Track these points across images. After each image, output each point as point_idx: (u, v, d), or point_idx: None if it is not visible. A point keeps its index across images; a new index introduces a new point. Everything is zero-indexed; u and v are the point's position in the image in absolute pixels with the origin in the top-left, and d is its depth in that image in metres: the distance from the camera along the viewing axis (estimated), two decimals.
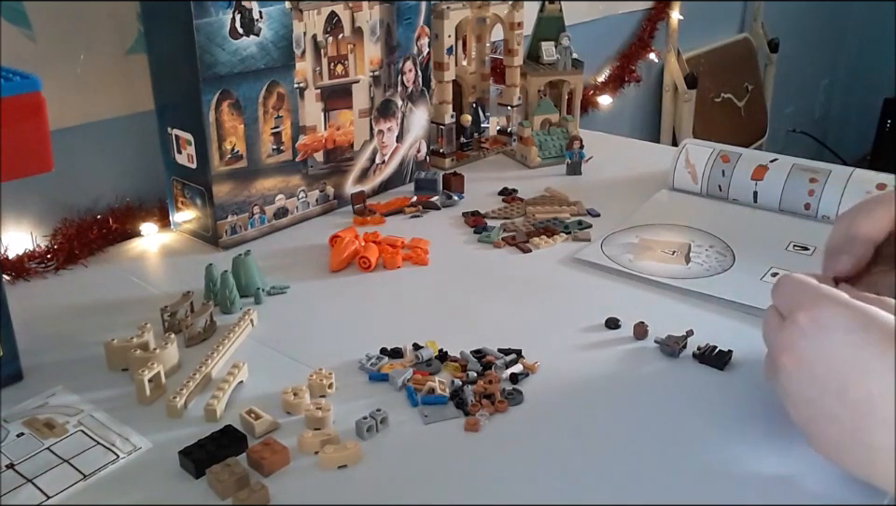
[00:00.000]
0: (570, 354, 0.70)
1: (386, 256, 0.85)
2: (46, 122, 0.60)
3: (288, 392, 0.63)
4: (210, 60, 0.82)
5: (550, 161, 1.12)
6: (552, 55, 1.17)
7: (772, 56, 2.38)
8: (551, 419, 0.61)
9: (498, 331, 0.72)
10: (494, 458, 0.57)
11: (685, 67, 1.94)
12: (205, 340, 0.72)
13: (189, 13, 0.79)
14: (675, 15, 1.88)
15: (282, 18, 0.87)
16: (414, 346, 0.69)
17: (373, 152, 1.01)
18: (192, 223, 0.91)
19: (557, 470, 0.56)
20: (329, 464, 0.56)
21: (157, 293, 0.80)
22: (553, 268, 0.85)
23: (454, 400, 0.63)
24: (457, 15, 1.07)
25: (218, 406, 0.61)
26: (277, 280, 0.81)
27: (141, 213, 0.94)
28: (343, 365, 0.67)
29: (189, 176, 0.88)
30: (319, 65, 0.92)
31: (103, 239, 0.89)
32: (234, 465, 0.55)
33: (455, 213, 0.98)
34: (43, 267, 0.85)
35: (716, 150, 1.01)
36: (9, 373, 0.66)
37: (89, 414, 0.62)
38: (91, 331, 0.72)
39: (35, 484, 0.55)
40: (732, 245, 0.88)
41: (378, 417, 0.60)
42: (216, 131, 0.84)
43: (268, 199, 0.92)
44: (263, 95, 0.87)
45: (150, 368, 0.64)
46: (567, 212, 0.96)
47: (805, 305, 0.52)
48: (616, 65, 1.76)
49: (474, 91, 1.17)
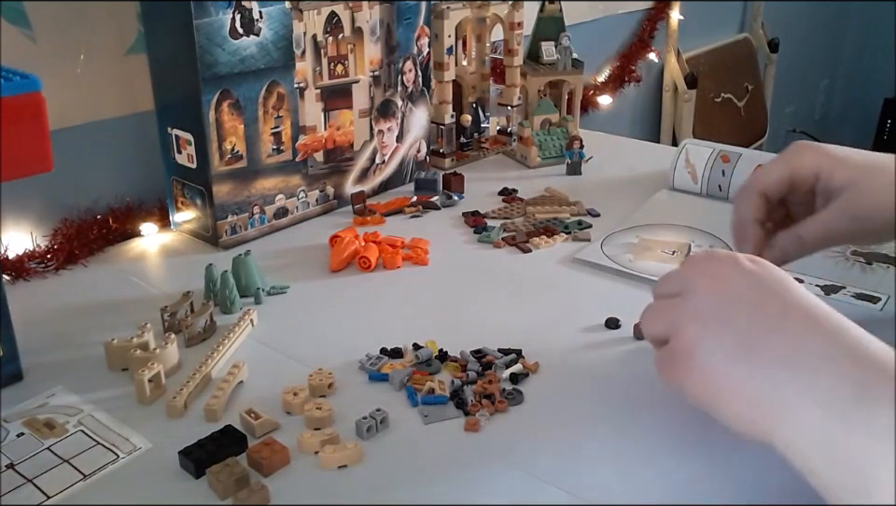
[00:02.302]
0: (570, 354, 0.70)
1: (386, 256, 0.85)
2: (46, 122, 0.60)
3: (288, 392, 0.63)
4: (210, 60, 0.82)
5: (550, 161, 1.12)
6: (552, 55, 1.17)
7: (772, 56, 2.38)
8: (551, 419, 0.61)
9: (498, 331, 0.72)
10: (494, 458, 0.57)
11: (685, 67, 1.94)
12: (205, 340, 0.72)
13: (189, 13, 0.79)
14: (675, 15, 1.88)
15: (282, 18, 0.87)
16: (414, 346, 0.69)
17: (373, 152, 1.01)
18: (192, 223, 0.91)
19: (557, 471, 0.56)
20: (328, 464, 0.56)
21: (157, 293, 0.80)
22: (553, 268, 0.85)
23: (454, 400, 0.63)
24: (457, 15, 1.07)
25: (218, 406, 0.61)
26: (277, 280, 0.81)
27: (141, 213, 0.94)
28: (343, 365, 0.67)
29: (188, 176, 0.88)
30: (319, 65, 0.92)
31: (103, 239, 0.89)
32: (234, 465, 0.55)
33: (455, 213, 0.98)
34: (43, 267, 0.85)
35: (716, 150, 1.01)
36: (9, 373, 0.66)
37: (89, 414, 0.62)
38: (91, 331, 0.72)
39: (35, 484, 0.55)
40: (732, 245, 0.87)
41: (378, 417, 0.60)
42: (216, 131, 0.84)
43: (268, 199, 0.92)
44: (263, 95, 0.88)
45: (150, 368, 0.64)
46: (567, 212, 0.96)
47: (701, 273, 0.54)
48: (616, 65, 1.77)
49: (474, 91, 1.17)
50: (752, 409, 0.48)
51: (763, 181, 0.66)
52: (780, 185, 0.66)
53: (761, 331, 0.49)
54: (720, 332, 0.50)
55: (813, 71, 2.92)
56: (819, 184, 0.64)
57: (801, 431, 0.45)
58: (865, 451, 0.42)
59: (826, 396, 0.44)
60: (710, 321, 0.51)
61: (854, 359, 0.45)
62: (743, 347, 0.49)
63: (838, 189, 0.63)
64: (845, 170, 0.63)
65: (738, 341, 0.49)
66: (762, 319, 0.49)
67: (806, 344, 0.47)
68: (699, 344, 0.51)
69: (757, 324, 0.49)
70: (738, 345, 0.49)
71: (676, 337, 0.53)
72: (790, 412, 0.45)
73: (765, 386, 0.47)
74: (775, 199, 0.67)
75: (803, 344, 0.47)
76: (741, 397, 0.48)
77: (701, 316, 0.51)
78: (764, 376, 0.47)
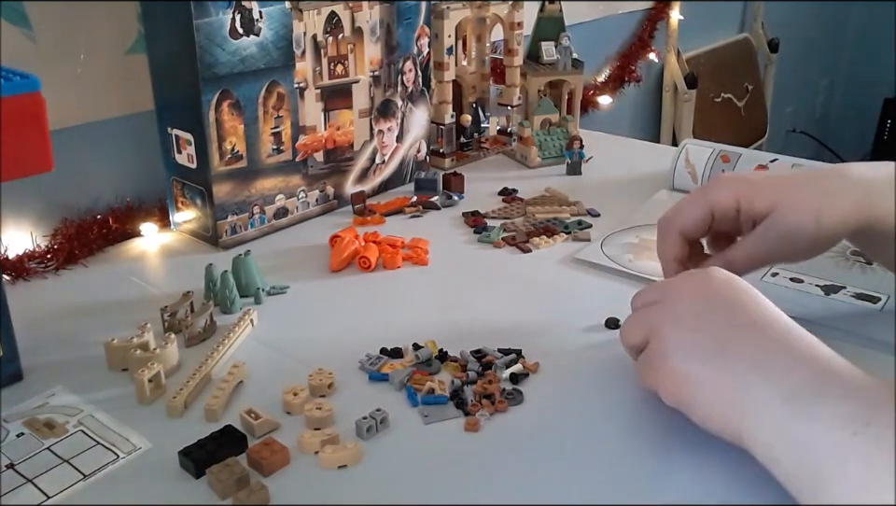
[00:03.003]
0: (570, 354, 0.70)
1: (386, 256, 0.85)
2: (46, 122, 0.60)
3: (288, 392, 0.63)
4: (210, 60, 0.82)
5: (550, 161, 1.12)
6: (552, 55, 1.17)
7: (772, 56, 2.38)
8: (551, 419, 0.61)
9: (498, 331, 0.72)
10: (494, 458, 0.57)
11: (685, 67, 1.94)
12: (205, 340, 0.72)
13: (188, 13, 0.79)
14: (675, 15, 1.88)
15: (282, 18, 0.87)
16: (414, 346, 0.69)
17: (373, 152, 1.01)
18: (192, 223, 0.91)
19: (557, 470, 0.56)
20: (328, 464, 0.56)
21: (157, 293, 0.80)
22: (553, 268, 0.85)
23: (454, 400, 0.63)
24: (457, 15, 1.07)
25: (218, 406, 0.61)
26: (277, 280, 0.81)
27: (141, 213, 0.94)
28: (343, 365, 0.67)
29: (188, 176, 0.88)
30: (319, 65, 0.92)
31: (103, 239, 0.89)
32: (234, 465, 0.55)
33: (455, 213, 0.98)
34: (43, 267, 0.85)
35: (716, 150, 1.01)
36: (9, 373, 0.66)
37: (89, 415, 0.62)
38: (91, 331, 0.72)
39: (35, 484, 0.55)
40: None
41: (378, 417, 0.60)
42: (216, 131, 0.84)
43: (268, 199, 0.92)
44: (263, 95, 0.88)
45: (150, 368, 0.64)
46: (567, 212, 0.96)
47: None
48: (616, 65, 1.76)
49: (474, 91, 1.17)
50: (723, 407, 0.52)
51: (681, 222, 0.67)
52: (699, 224, 0.67)
53: (733, 335, 0.54)
54: (694, 336, 0.55)
55: (813, 71, 2.92)
56: (742, 213, 0.66)
57: (766, 424, 0.49)
58: (818, 439, 0.46)
59: (790, 392, 0.49)
60: (686, 325, 0.55)
61: (813, 361, 0.50)
62: (715, 350, 0.54)
63: (760, 214, 0.65)
64: (764, 195, 0.65)
65: (711, 343, 0.54)
66: (734, 324, 0.54)
67: (774, 348, 0.52)
68: (675, 347, 0.56)
69: (729, 328, 0.54)
70: (711, 348, 0.54)
71: (654, 340, 0.58)
72: (757, 407, 0.50)
73: (736, 384, 0.52)
74: (695, 237, 0.68)
75: (771, 347, 0.52)
76: (713, 396, 0.53)
77: (678, 320, 0.56)
78: (735, 376, 0.52)
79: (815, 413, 0.47)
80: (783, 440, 0.48)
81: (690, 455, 0.57)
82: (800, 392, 0.49)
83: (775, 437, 0.49)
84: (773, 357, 0.51)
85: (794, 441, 0.48)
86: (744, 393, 0.51)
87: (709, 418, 0.54)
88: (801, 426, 0.48)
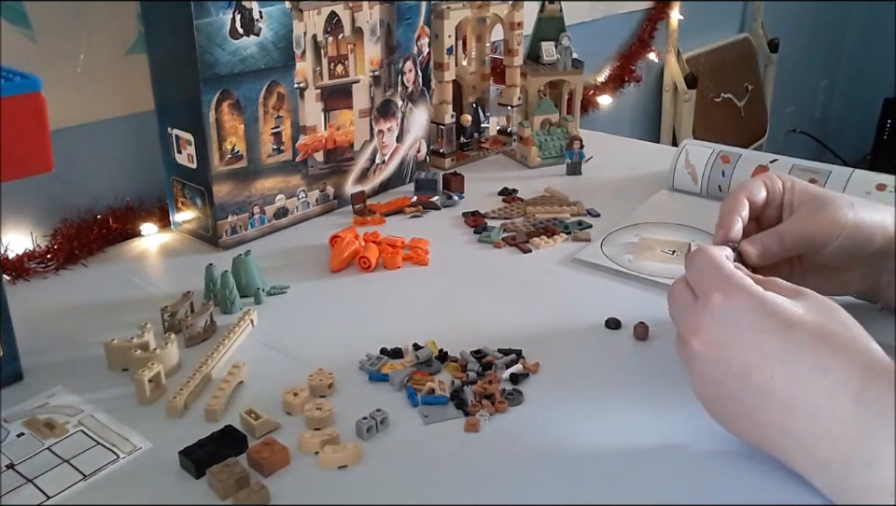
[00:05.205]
0: (570, 354, 0.70)
1: (386, 256, 0.85)
2: (46, 122, 0.60)
3: (288, 392, 0.63)
4: (210, 60, 0.82)
5: (550, 161, 1.12)
6: (552, 55, 1.17)
7: (772, 56, 2.38)
8: (551, 419, 0.61)
9: (498, 331, 0.72)
10: (494, 458, 0.57)
11: (685, 67, 1.94)
12: (205, 340, 0.72)
13: (189, 13, 0.79)
14: (675, 15, 1.88)
15: (282, 18, 0.87)
16: (414, 346, 0.69)
17: (373, 152, 1.01)
18: (192, 223, 0.91)
19: (557, 471, 0.56)
20: (328, 464, 0.56)
21: (157, 293, 0.80)
22: (553, 268, 0.85)
23: (454, 400, 0.63)
24: (457, 15, 1.07)
25: (218, 406, 0.61)
26: (277, 280, 0.81)
27: (141, 213, 0.94)
28: (343, 365, 0.67)
29: (188, 176, 0.88)
30: (319, 65, 0.92)
31: (103, 239, 0.89)
32: (234, 465, 0.55)
33: (455, 213, 0.98)
34: (43, 267, 0.85)
35: (716, 151, 1.01)
36: (9, 373, 0.66)
37: (89, 415, 0.62)
38: (91, 331, 0.72)
39: (35, 484, 0.55)
40: None
41: (378, 417, 0.60)
42: (216, 131, 0.84)
43: (268, 199, 0.92)
44: (263, 95, 0.88)
45: (150, 368, 0.64)
46: (567, 212, 0.96)
47: (718, 288, 0.55)
48: (616, 65, 1.76)
49: (474, 91, 1.17)
50: (755, 418, 0.53)
51: (746, 188, 0.69)
52: (757, 195, 0.69)
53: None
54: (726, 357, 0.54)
55: (813, 71, 2.92)
56: (786, 196, 0.68)
57: (818, 423, 0.50)
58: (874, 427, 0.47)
59: (835, 389, 0.49)
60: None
61: (856, 358, 0.50)
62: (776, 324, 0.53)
63: (804, 201, 0.67)
64: (807, 188, 0.68)
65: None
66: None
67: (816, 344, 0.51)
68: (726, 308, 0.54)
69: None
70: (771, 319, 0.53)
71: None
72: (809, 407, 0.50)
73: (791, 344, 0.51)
74: (756, 203, 0.69)
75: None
76: (757, 348, 0.52)
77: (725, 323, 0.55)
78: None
79: (862, 407, 0.48)
80: (830, 434, 0.49)
81: (690, 455, 0.57)
82: (846, 390, 0.49)
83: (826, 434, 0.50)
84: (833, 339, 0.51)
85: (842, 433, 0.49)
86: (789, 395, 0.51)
87: (728, 425, 0.56)
88: (848, 424, 0.49)
